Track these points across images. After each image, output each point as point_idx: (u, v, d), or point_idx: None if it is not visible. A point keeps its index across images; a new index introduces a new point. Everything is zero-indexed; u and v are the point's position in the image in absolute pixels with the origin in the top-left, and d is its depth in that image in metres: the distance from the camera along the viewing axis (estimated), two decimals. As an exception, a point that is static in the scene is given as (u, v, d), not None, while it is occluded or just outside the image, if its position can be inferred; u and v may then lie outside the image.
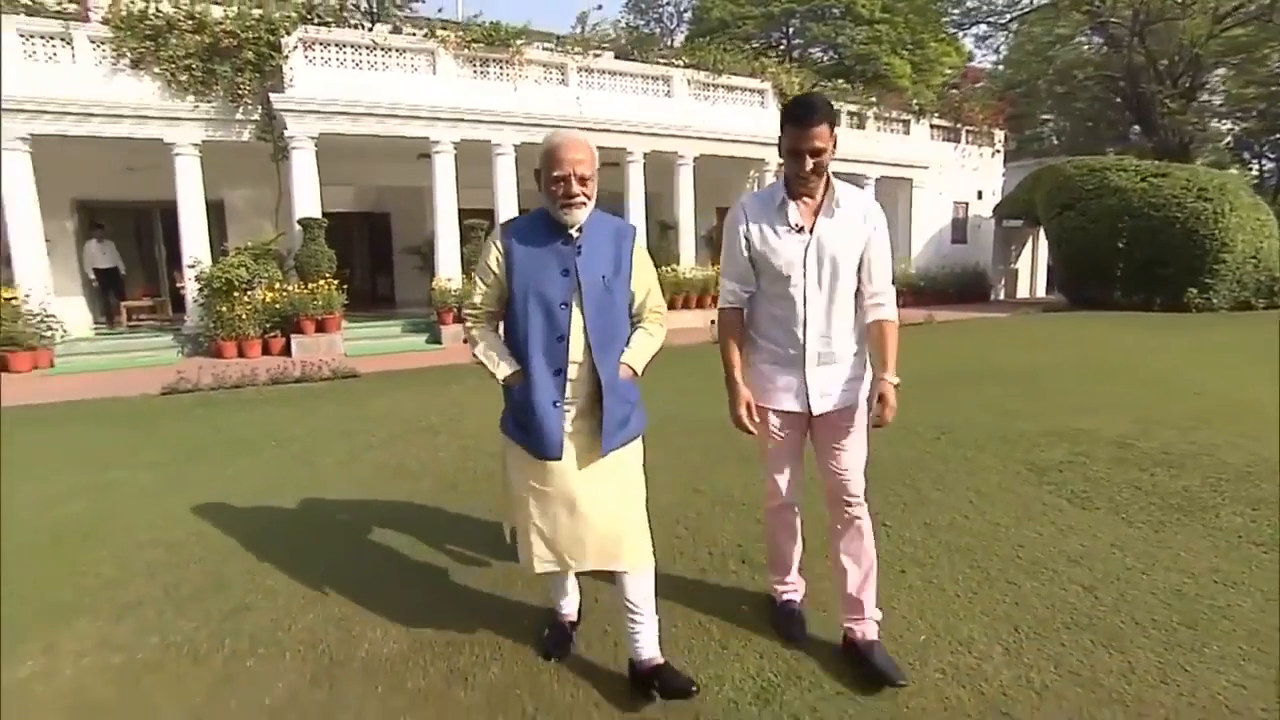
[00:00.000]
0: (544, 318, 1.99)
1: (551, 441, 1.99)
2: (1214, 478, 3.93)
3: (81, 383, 8.28)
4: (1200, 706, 1.99)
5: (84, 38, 9.59)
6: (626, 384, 2.09)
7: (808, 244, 2.08)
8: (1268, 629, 2.38)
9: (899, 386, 2.08)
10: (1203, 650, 2.26)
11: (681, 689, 2.02)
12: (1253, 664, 2.18)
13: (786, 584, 2.44)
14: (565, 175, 1.94)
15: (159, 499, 3.96)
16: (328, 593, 2.76)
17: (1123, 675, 2.14)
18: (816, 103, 2.03)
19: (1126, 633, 2.38)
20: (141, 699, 2.13)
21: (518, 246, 2.02)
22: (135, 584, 2.89)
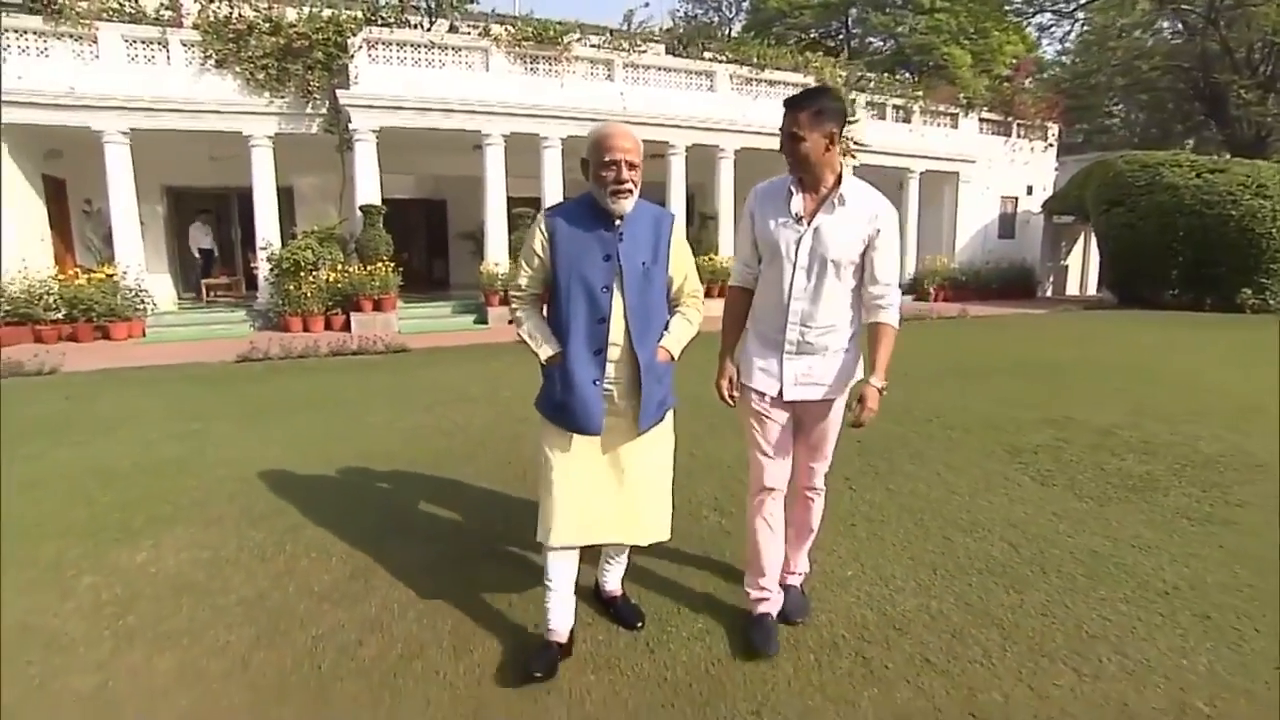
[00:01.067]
0: (586, 300, 2.05)
1: (592, 418, 2.06)
2: (1179, 464, 4.15)
3: (169, 350, 9.28)
4: (1064, 632, 2.36)
5: (177, 42, 10.62)
6: (663, 366, 2.16)
7: (801, 235, 2.11)
8: (1157, 580, 2.71)
9: (884, 391, 2.12)
10: (1089, 594, 2.62)
11: (629, 621, 2.34)
12: (1128, 604, 2.54)
13: (763, 590, 2.31)
14: (616, 161, 1.99)
15: (236, 444, 4.68)
16: (366, 516, 3.37)
17: (1012, 608, 2.53)
18: (809, 92, 2.10)
19: (1030, 579, 2.75)
20: (223, 583, 2.75)
21: (562, 231, 2.07)
22: (217, 505, 3.56)
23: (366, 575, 2.79)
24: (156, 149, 11.36)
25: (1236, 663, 2.18)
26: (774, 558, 2.31)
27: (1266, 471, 4.00)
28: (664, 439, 2.27)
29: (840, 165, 2.12)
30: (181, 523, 3.33)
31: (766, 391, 2.21)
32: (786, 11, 31.73)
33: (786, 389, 2.18)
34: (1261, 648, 2.26)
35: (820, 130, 2.02)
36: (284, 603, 2.57)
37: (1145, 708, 1.97)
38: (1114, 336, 10.24)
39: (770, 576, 2.32)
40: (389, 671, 2.15)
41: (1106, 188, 13.76)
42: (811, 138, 2.02)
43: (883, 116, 15.22)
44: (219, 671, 2.16)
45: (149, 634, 2.38)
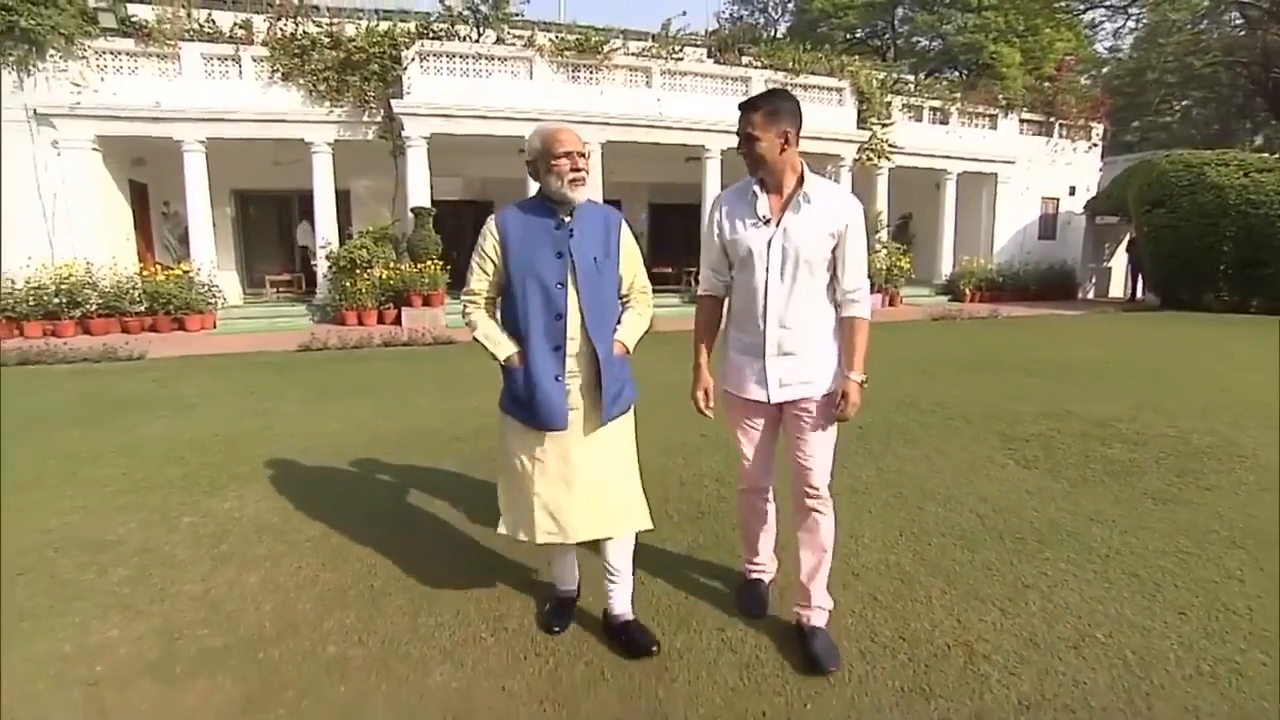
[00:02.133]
0: (542, 297, 2.09)
1: (556, 413, 2.10)
2: (1164, 454, 4.38)
3: (238, 340, 10.14)
4: (1002, 582, 2.71)
5: (249, 58, 11.53)
6: (620, 359, 2.20)
7: (771, 236, 2.10)
8: (1102, 547, 3.02)
9: (864, 384, 2.15)
10: (1035, 555, 2.95)
11: (644, 647, 2.20)
12: (1068, 564, 2.86)
13: (755, 564, 2.51)
14: (569, 152, 2.06)
15: (300, 420, 5.32)
16: (411, 478, 3.91)
17: (961, 564, 2.89)
18: (763, 95, 2.10)
19: (986, 541, 3.10)
20: (294, 526, 3.30)
21: (513, 232, 2.12)
22: (287, 468, 4.15)
23: (410, 522, 3.32)
24: (226, 155, 12.32)
25: (1144, 608, 2.51)
26: (764, 538, 2.48)
27: (1247, 461, 4.21)
28: (626, 430, 2.29)
29: (801, 165, 2.13)
30: (258, 481, 3.93)
31: (753, 397, 2.21)
32: (831, 12, 31.64)
33: (773, 392, 2.17)
34: (1173, 598, 2.58)
35: (775, 130, 2.04)
36: (342, 541, 3.11)
37: (1051, 638, 2.32)
38: (1142, 337, 10.23)
39: (762, 553, 2.48)
40: (429, 588, 2.66)
41: (1149, 188, 13.56)
42: (766, 137, 2.04)
43: (919, 118, 15.30)
44: (293, 586, 2.71)
45: (239, 559, 2.95)
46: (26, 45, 10.36)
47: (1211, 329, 11.01)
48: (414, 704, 2.00)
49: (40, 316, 10.41)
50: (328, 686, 2.08)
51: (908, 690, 2.06)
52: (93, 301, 10.70)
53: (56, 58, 10.64)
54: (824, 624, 2.25)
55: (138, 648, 2.29)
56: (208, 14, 11.95)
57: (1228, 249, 12.43)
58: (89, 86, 10.87)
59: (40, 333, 10.32)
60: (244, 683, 2.09)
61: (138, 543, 3.11)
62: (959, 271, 15.75)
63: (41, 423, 5.33)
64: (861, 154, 14.24)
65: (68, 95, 10.81)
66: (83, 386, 6.87)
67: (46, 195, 10.95)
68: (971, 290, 15.19)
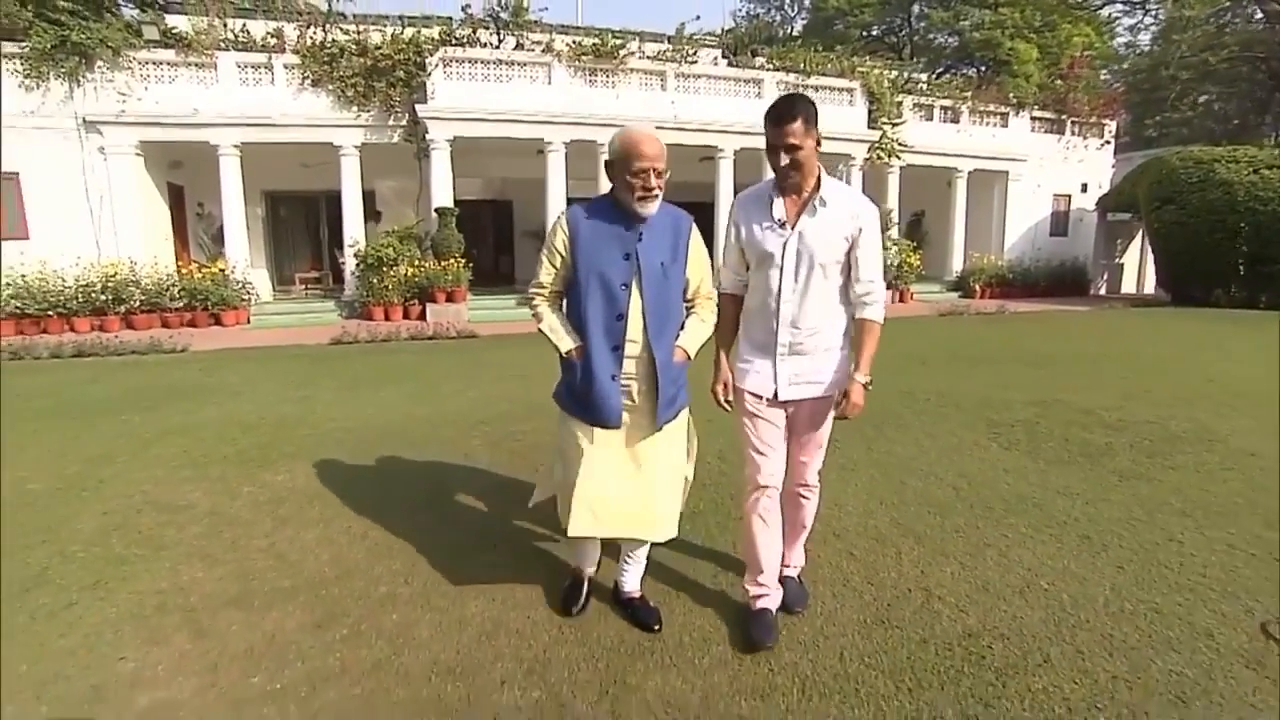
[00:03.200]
0: (605, 297, 2.12)
1: (611, 411, 2.14)
2: (1141, 439, 4.66)
3: (272, 335, 10.68)
4: (966, 542, 3.06)
5: (280, 65, 12.06)
6: (679, 365, 2.23)
7: (787, 239, 2.15)
8: (1063, 515, 3.35)
9: (869, 385, 2.19)
10: (1000, 521, 3.30)
11: (647, 625, 2.34)
12: (1028, 528, 3.20)
13: (761, 587, 2.36)
14: (646, 169, 2.05)
15: (336, 406, 5.77)
16: (440, 453, 4.33)
17: (932, 527, 3.23)
18: (793, 102, 2.08)
19: (958, 510, 3.44)
20: (341, 493, 3.73)
21: (584, 230, 2.15)
22: (328, 447, 4.59)
23: (443, 491, 3.74)
24: (258, 158, 12.86)
25: (1088, 563, 2.86)
26: (772, 555, 2.35)
27: (1216, 445, 4.49)
28: (679, 437, 2.34)
29: (819, 168, 2.17)
30: (304, 457, 4.38)
31: (761, 393, 2.26)
32: (847, 10, 31.72)
33: (781, 389, 2.22)
34: (1115, 556, 2.92)
35: (812, 137, 2.07)
36: (385, 506, 3.53)
37: (1000, 585, 2.68)
38: (1144, 332, 10.42)
39: (769, 574, 2.36)
40: (463, 543, 3.08)
41: (1159, 185, 13.66)
42: (807, 145, 2.06)
43: (930, 118, 15.50)
44: (345, 541, 3.13)
45: (296, 520, 3.38)
46: (77, 58, 10.98)
47: (1216, 324, 11.15)
48: (454, 627, 2.41)
49: (89, 313, 11.03)
50: (381, 615, 2.49)
51: (869, 622, 2.43)
52: (136, 298, 11.30)
53: (104, 68, 11.25)
54: (795, 575, 2.48)
55: (220, 586, 2.73)
56: (242, 24, 12.51)
57: (1236, 245, 12.52)
58: (133, 95, 11.48)
59: (89, 328, 10.93)
60: (311, 612, 2.52)
61: (206, 507, 3.56)
62: (969, 268, 15.94)
63: (105, 408, 5.84)
64: (872, 153, 14.49)
65: (114, 104, 11.42)
66: (136, 376, 7.40)
67: (94, 198, 11.57)
68: (982, 286, 15.38)
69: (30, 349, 8.67)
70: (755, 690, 2.06)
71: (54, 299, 10.91)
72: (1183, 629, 2.36)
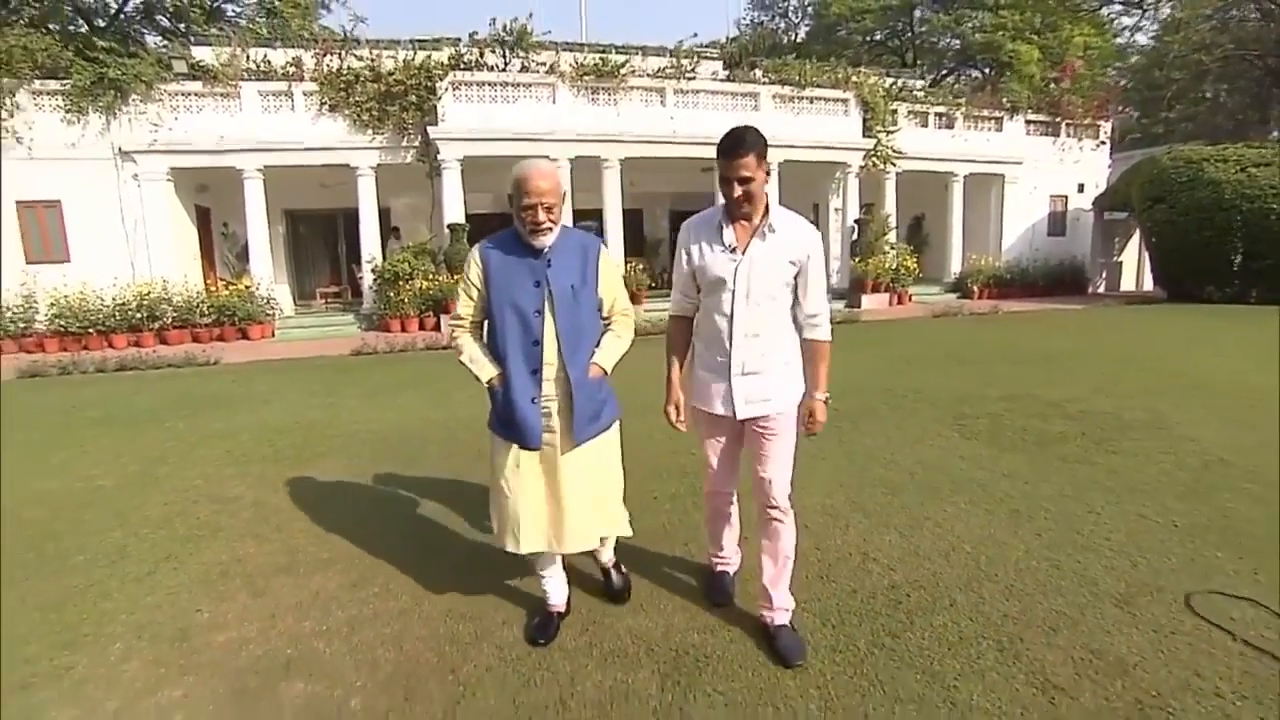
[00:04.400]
0: (520, 324, 2.21)
1: (531, 434, 2.23)
2: (1095, 428, 5.06)
3: (296, 347, 11.30)
4: (896, 517, 3.50)
5: (300, 93, 12.77)
6: (596, 381, 2.31)
7: (738, 263, 2.22)
8: (1001, 494, 3.78)
9: (828, 401, 2.35)
10: (944, 499, 3.73)
11: (618, 593, 2.69)
12: (968, 504, 3.64)
13: (720, 557, 2.73)
14: (533, 205, 2.14)
15: (360, 411, 6.32)
16: (456, 451, 4.85)
17: (882, 505, 3.67)
18: (743, 137, 2.12)
19: (909, 490, 3.89)
20: (370, 487, 4.26)
21: (495, 262, 2.24)
22: (356, 447, 5.13)
23: (461, 481, 4.25)
24: (279, 179, 13.57)
25: (1012, 531, 3.30)
26: (728, 535, 2.71)
27: (1163, 433, 4.88)
28: (608, 447, 2.43)
29: (766, 195, 2.25)
30: (335, 456, 4.92)
31: (720, 413, 2.34)
32: (849, 16, 32.14)
33: (739, 409, 2.30)
34: (1038, 526, 3.36)
35: (763, 169, 2.15)
36: (411, 496, 4.05)
37: (930, 550, 3.12)
38: (1131, 328, 10.75)
39: (727, 548, 2.72)
40: (481, 519, 3.58)
41: (1150, 184, 13.98)
42: (759, 176, 2.13)
43: (925, 124, 15.92)
44: (379, 520, 3.64)
45: (330, 508, 3.90)
46: (114, 92, 11.75)
47: (1204, 320, 11.45)
48: (465, 584, 2.90)
49: (126, 329, 11.73)
50: (405, 576, 3.00)
51: (810, 579, 2.89)
52: (169, 315, 12.00)
53: (137, 101, 12.01)
54: (786, 622, 2.41)
55: (271, 559, 3.25)
56: (263, 54, 13.24)
57: (1225, 243, 12.80)
58: (164, 125, 12.23)
59: (125, 344, 11.64)
60: (348, 575, 3.03)
61: (252, 498, 4.10)
62: (967, 269, 16.31)
63: (150, 416, 6.44)
64: (868, 161, 14.93)
65: (147, 134, 12.18)
66: (175, 387, 8.02)
67: (128, 222, 12.31)
68: (980, 287, 15.74)
69: (78, 364, 9.35)
70: (706, 628, 2.53)
71: (93, 317, 11.63)
72: (1074, 579, 2.81)
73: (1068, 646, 2.34)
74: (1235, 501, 3.58)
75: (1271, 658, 2.25)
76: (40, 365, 9.31)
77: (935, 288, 16.43)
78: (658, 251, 18.18)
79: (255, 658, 2.42)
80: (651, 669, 2.29)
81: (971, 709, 2.06)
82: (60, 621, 2.72)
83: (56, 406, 7.18)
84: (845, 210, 14.80)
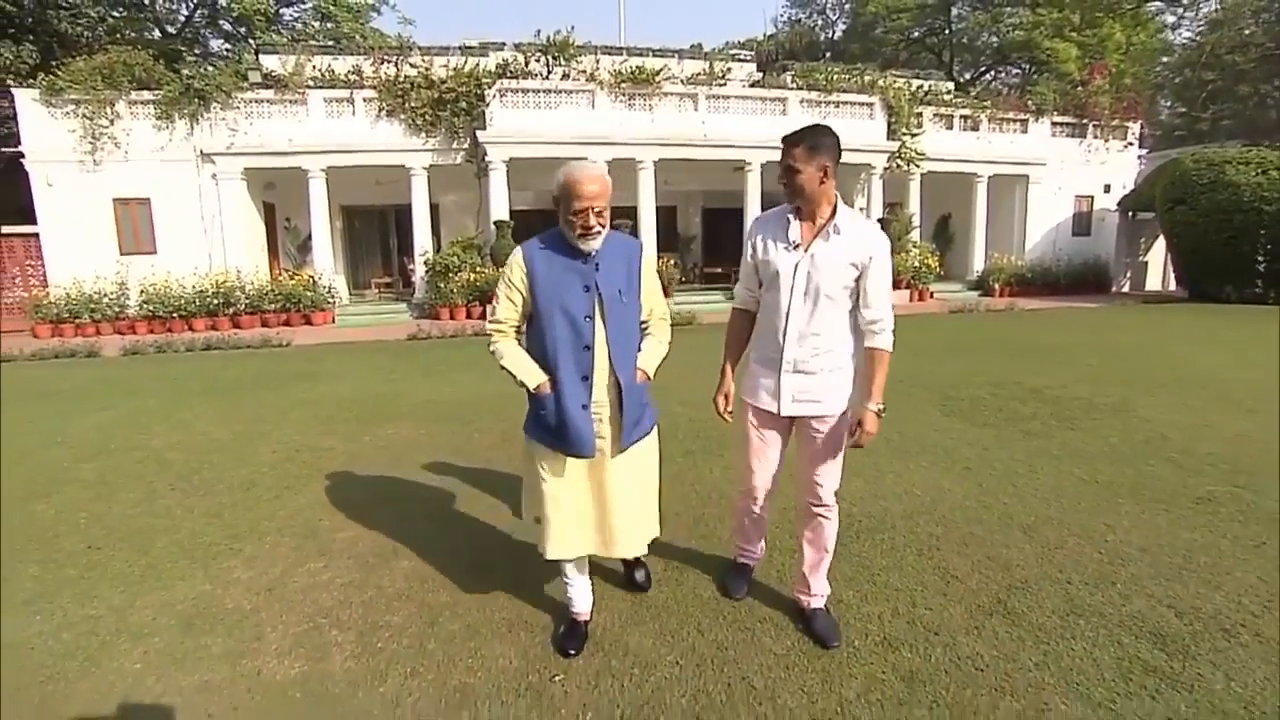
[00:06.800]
0: (570, 329, 2.16)
1: (585, 442, 2.18)
2: (1064, 409, 5.67)
3: (356, 332, 12.42)
4: (877, 470, 4.26)
5: (360, 99, 13.90)
6: (641, 386, 2.29)
7: (799, 261, 2.23)
8: (958, 455, 4.50)
9: (882, 413, 2.24)
10: (907, 461, 4.44)
11: (641, 585, 2.77)
12: (926, 464, 4.38)
13: (745, 550, 2.77)
14: (584, 209, 2.09)
15: (420, 387, 7.28)
16: (506, 415, 5.75)
17: (858, 463, 4.38)
18: (800, 130, 2.21)
19: (881, 451, 4.59)
20: (436, 443, 5.17)
21: (540, 265, 2.18)
22: (420, 413, 6.06)
23: (509, 438, 5.14)
24: (338, 178, 14.72)
25: (958, 482, 4.03)
26: (754, 532, 2.71)
27: (1124, 415, 5.48)
28: (648, 453, 2.40)
29: (836, 196, 2.24)
30: (403, 420, 5.85)
31: (765, 408, 2.36)
32: (886, 14, 32.31)
33: (784, 405, 2.32)
34: (981, 479, 4.07)
35: (815, 164, 2.15)
36: (468, 448, 4.95)
37: (886, 494, 3.89)
38: (1137, 326, 11.15)
39: (752, 543, 2.74)
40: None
41: (1172, 186, 14.23)
42: (807, 170, 2.15)
43: (950, 126, 16.39)
44: (441, 467, 4.55)
45: (405, 456, 4.81)
46: (197, 101, 13.03)
47: (1212, 319, 11.79)
48: (511, 520, 3.78)
49: (204, 314, 13.03)
50: (476, 500, 3.89)
51: (786, 508, 3.69)
52: (241, 302, 13.26)
53: (217, 108, 13.28)
54: (822, 605, 2.52)
55: (361, 493, 4.15)
56: (327, 64, 14.41)
57: (1243, 244, 13.05)
58: (240, 130, 13.48)
59: (204, 327, 12.92)
60: (425, 506, 3.93)
61: (343, 449, 5.05)
62: (989, 268, 16.73)
63: (242, 388, 7.51)
64: (892, 162, 15.49)
65: (225, 137, 13.45)
66: (256, 364, 9.14)
67: (206, 218, 13.61)
68: (1001, 285, 16.16)
69: (170, 344, 10.60)
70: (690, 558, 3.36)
71: (176, 303, 12.94)
72: (995, 514, 3.54)
73: (972, 554, 3.11)
74: (1158, 467, 4.24)
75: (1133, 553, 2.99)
76: (140, 345, 10.58)
77: (958, 285, 16.88)
78: (690, 248, 18.95)
79: (368, 548, 3.33)
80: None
81: (887, 585, 2.84)
82: (222, 523, 3.68)
83: (163, 378, 8.33)
84: (869, 210, 15.32)
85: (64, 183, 13.06)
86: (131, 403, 6.88)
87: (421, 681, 2.27)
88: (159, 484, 4.34)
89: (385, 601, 2.81)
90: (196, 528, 3.62)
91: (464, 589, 2.90)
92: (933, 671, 2.27)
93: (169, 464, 4.77)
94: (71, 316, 12.73)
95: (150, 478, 4.47)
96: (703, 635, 2.50)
